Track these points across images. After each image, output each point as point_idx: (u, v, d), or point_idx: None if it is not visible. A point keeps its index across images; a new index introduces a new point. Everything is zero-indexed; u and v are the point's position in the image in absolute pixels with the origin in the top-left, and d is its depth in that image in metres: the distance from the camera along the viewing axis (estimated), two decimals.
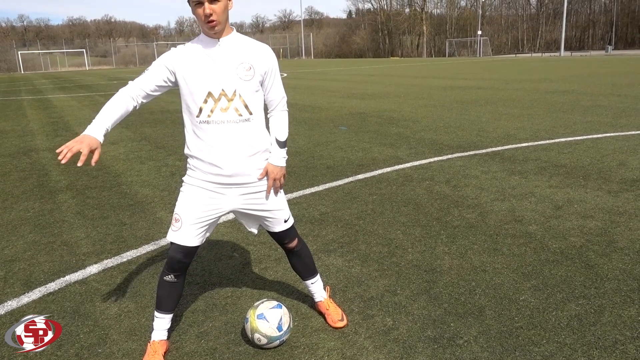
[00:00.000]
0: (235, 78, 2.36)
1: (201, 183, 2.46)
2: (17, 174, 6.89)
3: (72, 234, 4.48)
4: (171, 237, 2.50)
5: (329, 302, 2.94)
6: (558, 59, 43.92)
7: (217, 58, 2.35)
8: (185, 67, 2.35)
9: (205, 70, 2.34)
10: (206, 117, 2.35)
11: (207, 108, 2.34)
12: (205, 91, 2.34)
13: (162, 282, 2.57)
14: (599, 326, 2.74)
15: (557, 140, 7.68)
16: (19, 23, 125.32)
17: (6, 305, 3.22)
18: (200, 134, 2.39)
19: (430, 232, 4.16)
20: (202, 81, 2.34)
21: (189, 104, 2.39)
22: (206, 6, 2.22)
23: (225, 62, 2.35)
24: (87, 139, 2.31)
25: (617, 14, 75.79)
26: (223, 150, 2.39)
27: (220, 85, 2.34)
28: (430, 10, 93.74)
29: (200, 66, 2.34)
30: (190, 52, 2.37)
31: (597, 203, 4.70)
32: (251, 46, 2.43)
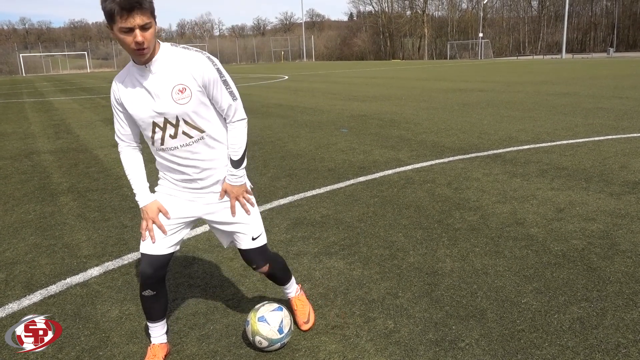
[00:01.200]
0: (173, 104, 2.23)
1: (171, 191, 2.45)
2: (19, 176, 6.90)
3: (73, 236, 4.48)
4: (142, 248, 2.43)
5: (297, 300, 2.91)
6: (560, 62, 43.91)
7: (151, 87, 2.22)
8: (126, 102, 2.29)
9: (143, 103, 2.25)
10: (159, 145, 2.32)
11: (157, 137, 2.30)
12: (150, 123, 2.27)
13: (143, 297, 2.50)
14: (602, 329, 2.73)
15: (559, 142, 7.67)
16: (21, 26, 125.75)
17: (7, 308, 3.22)
18: (160, 159, 2.40)
19: (432, 235, 4.16)
20: (144, 114, 2.26)
21: (142, 134, 2.39)
22: (137, 34, 2.05)
23: (160, 90, 2.22)
24: (149, 210, 2.41)
25: (618, 16, 75.76)
26: (187, 170, 2.37)
27: (162, 115, 2.25)
28: (432, 13, 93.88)
29: (138, 99, 2.26)
30: (127, 84, 2.28)
31: (599, 206, 4.69)
32: (182, 63, 2.22)
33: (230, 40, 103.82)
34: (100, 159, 7.86)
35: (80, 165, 7.45)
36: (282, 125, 10.64)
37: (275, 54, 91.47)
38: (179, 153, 2.33)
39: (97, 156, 8.08)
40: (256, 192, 5.66)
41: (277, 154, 7.70)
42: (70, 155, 8.22)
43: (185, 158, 2.34)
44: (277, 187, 5.81)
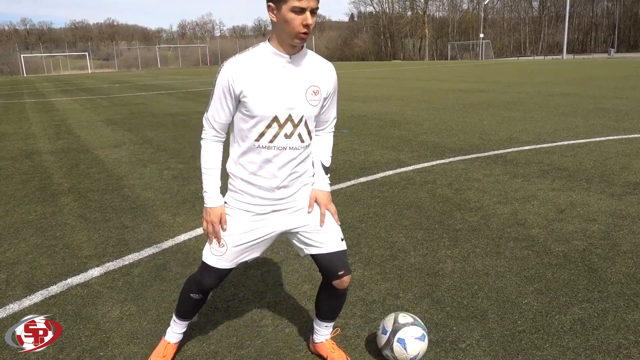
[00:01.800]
0: (305, 103, 2.14)
1: (247, 206, 2.25)
2: (20, 176, 6.90)
3: (74, 236, 4.48)
4: (212, 262, 2.30)
5: (332, 344, 2.61)
6: (560, 62, 43.90)
7: (288, 80, 2.11)
8: (250, 89, 2.07)
9: (274, 93, 2.09)
10: (267, 142, 2.14)
11: (270, 133, 2.13)
12: (271, 116, 2.10)
13: (189, 298, 2.43)
14: (603, 330, 2.72)
15: (560, 143, 7.66)
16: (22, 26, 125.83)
17: (8, 308, 3.22)
18: (255, 157, 2.19)
19: (433, 236, 4.15)
20: (271, 106, 2.09)
21: (249, 127, 2.15)
22: (308, 16, 1.97)
23: (297, 85, 2.12)
24: (213, 214, 2.26)
25: (619, 17, 75.74)
26: (279, 176, 2.20)
27: (288, 111, 2.12)
28: (432, 13, 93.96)
29: (269, 89, 2.08)
30: (256, 70, 2.08)
31: (600, 206, 4.69)
32: (318, 65, 2.19)
33: (230, 41, 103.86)
34: (101, 159, 7.87)
35: (81, 165, 7.45)
36: None
37: None
38: (284, 155, 2.17)
39: (97, 157, 8.08)
40: None
41: None
42: (71, 156, 8.22)
43: (286, 162, 2.19)
44: None
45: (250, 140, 2.17)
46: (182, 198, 5.54)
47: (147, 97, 20.39)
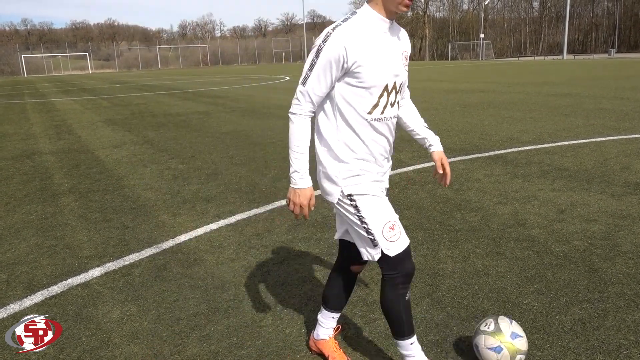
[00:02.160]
0: (402, 68, 2.11)
1: (372, 185, 2.15)
2: (20, 177, 6.91)
3: (75, 237, 4.48)
4: (400, 246, 2.14)
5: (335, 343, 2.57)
6: (561, 62, 43.90)
7: (389, 45, 2.05)
8: (365, 58, 1.97)
9: (385, 60, 2.02)
10: (379, 113, 2.07)
11: (381, 104, 2.05)
12: (383, 86, 2.03)
13: (405, 303, 2.23)
14: (603, 330, 2.72)
15: (560, 143, 7.66)
16: (23, 27, 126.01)
17: (8, 308, 3.22)
18: (367, 133, 2.09)
19: (433, 236, 4.15)
20: (384, 73, 2.02)
21: (359, 101, 2.03)
22: None
23: (397, 50, 2.08)
24: (303, 195, 2.14)
25: (619, 17, 75.74)
26: (387, 147, 2.18)
27: (393, 78, 2.07)
28: (433, 14, 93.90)
29: (382, 56, 2.01)
30: (367, 39, 1.98)
31: (600, 206, 4.69)
32: (401, 30, 2.16)
33: (231, 41, 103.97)
34: (101, 159, 7.87)
35: (81, 166, 7.46)
36: (284, 126, 10.64)
37: (277, 55, 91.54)
38: (390, 124, 2.13)
39: (98, 157, 8.09)
40: (257, 193, 5.67)
41: (279, 154, 7.70)
42: (71, 156, 8.23)
43: (392, 131, 2.17)
44: (278, 187, 5.81)
45: (362, 114, 2.05)
46: (182, 198, 5.54)
47: (148, 97, 20.40)
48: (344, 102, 2.05)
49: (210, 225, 4.63)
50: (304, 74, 2.04)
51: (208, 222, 4.72)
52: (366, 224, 2.12)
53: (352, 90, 2.02)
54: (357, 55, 1.95)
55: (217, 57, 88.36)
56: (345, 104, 2.05)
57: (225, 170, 6.83)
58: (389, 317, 2.29)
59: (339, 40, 1.94)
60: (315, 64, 1.99)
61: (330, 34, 1.97)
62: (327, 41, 1.96)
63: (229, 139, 9.37)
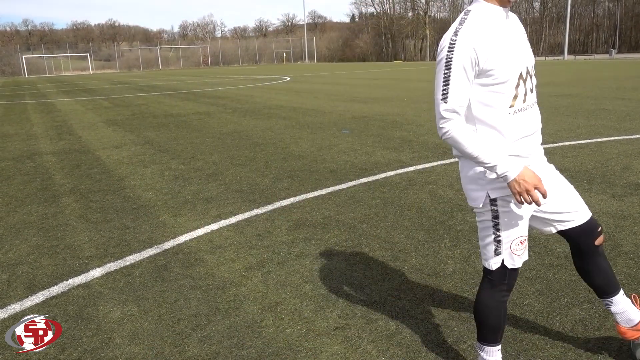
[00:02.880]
0: (530, 52, 2.08)
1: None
2: (21, 177, 6.91)
3: (76, 237, 4.48)
4: (519, 262, 2.13)
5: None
6: (562, 63, 43.88)
7: (512, 32, 2.01)
8: (492, 52, 1.91)
9: (514, 49, 1.98)
10: (521, 104, 1.99)
11: (521, 92, 1.98)
12: (517, 74, 1.97)
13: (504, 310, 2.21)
14: (604, 331, 2.72)
15: (561, 143, 7.66)
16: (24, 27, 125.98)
17: (9, 309, 3.23)
18: (511, 129, 1.99)
19: (434, 236, 4.15)
20: (516, 62, 1.97)
21: (499, 98, 1.97)
22: None
23: (519, 36, 2.04)
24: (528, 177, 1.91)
25: (620, 18, 75.69)
26: (535, 140, 2.08)
27: (525, 63, 2.01)
28: (433, 14, 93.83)
29: (506, 46, 1.95)
30: (489, 30, 1.93)
31: (601, 207, 4.68)
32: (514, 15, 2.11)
33: (232, 42, 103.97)
34: (102, 160, 7.88)
35: (82, 166, 7.46)
36: (284, 127, 10.64)
37: (277, 56, 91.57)
38: (533, 112, 2.07)
39: (99, 157, 8.09)
40: (258, 193, 5.67)
41: (279, 155, 7.71)
42: (72, 157, 8.23)
43: (536, 119, 2.08)
44: (279, 188, 5.81)
45: (504, 109, 1.98)
46: (183, 199, 5.54)
47: (149, 97, 20.41)
48: (480, 104, 1.99)
49: (211, 225, 4.63)
50: (440, 90, 1.95)
51: (209, 222, 4.72)
52: (499, 231, 2.08)
53: (489, 89, 1.96)
54: (487, 54, 1.91)
55: (218, 57, 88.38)
56: (482, 105, 1.99)
57: (226, 170, 6.83)
58: (482, 321, 2.24)
59: (467, 46, 1.90)
60: (450, 76, 1.92)
61: (454, 41, 1.91)
62: (454, 49, 1.90)
63: (229, 139, 9.38)
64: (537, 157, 2.15)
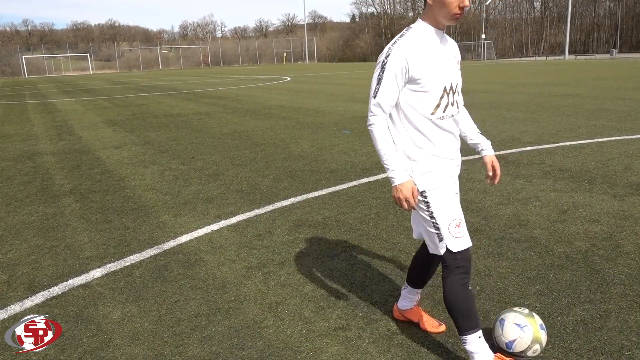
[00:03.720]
0: (457, 71, 2.37)
1: (444, 180, 2.36)
2: (21, 177, 6.91)
3: (76, 237, 4.48)
4: (463, 244, 2.37)
5: (420, 310, 2.88)
6: (562, 63, 43.87)
7: (443, 52, 2.30)
8: (424, 66, 2.22)
9: (441, 66, 2.27)
10: (441, 113, 2.30)
11: (443, 103, 2.29)
12: (442, 88, 2.28)
13: (469, 293, 2.38)
14: (605, 331, 2.71)
15: (562, 144, 7.65)
16: (24, 27, 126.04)
17: (9, 309, 3.22)
18: (432, 131, 2.31)
19: None
20: (441, 77, 2.27)
21: (423, 103, 2.27)
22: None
23: (450, 55, 2.34)
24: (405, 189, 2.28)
25: (621, 18, 75.66)
26: (454, 142, 2.39)
27: (450, 80, 2.31)
28: None
29: (438, 63, 2.26)
30: (424, 45, 2.24)
31: (602, 207, 4.68)
32: (450, 39, 2.41)
33: (232, 42, 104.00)
34: (102, 160, 7.87)
35: (82, 166, 7.46)
36: (284, 127, 10.64)
37: (277, 56, 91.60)
38: (453, 121, 2.36)
39: (99, 158, 8.09)
40: (258, 194, 5.67)
41: (280, 155, 7.70)
42: (72, 157, 8.23)
43: (453, 129, 2.38)
44: (279, 188, 5.80)
45: (426, 114, 2.28)
46: (183, 199, 5.54)
47: (149, 98, 20.41)
48: (409, 106, 2.29)
49: (211, 226, 4.63)
50: (373, 88, 2.29)
51: (209, 222, 4.72)
52: (435, 219, 2.34)
53: (416, 95, 2.26)
54: (417, 65, 2.21)
55: (218, 57, 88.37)
56: (409, 108, 2.29)
57: (226, 170, 6.83)
58: (454, 310, 2.39)
59: (400, 54, 2.20)
60: (382, 78, 2.25)
61: (391, 50, 2.23)
62: (389, 56, 2.22)
63: (230, 139, 9.37)
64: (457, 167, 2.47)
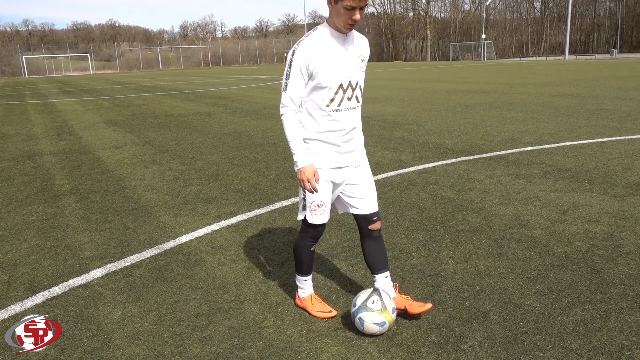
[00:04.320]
0: (358, 70, 2.68)
1: (324, 164, 2.72)
2: (21, 178, 6.91)
3: (76, 238, 4.48)
4: (317, 220, 2.82)
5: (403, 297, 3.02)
6: (563, 63, 43.86)
7: (344, 52, 2.62)
8: (322, 64, 2.55)
9: (339, 64, 2.59)
10: (337, 105, 2.64)
11: (338, 98, 2.63)
12: (338, 84, 2.61)
13: (309, 252, 2.95)
14: (605, 331, 2.71)
15: (562, 144, 7.65)
16: (24, 27, 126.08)
17: (10, 310, 3.22)
18: (324, 120, 2.66)
19: (435, 237, 4.15)
20: (338, 75, 2.59)
21: (320, 96, 2.62)
22: (357, 13, 2.47)
23: (352, 56, 2.65)
24: (306, 172, 2.66)
25: (622, 18, 75.64)
26: (345, 132, 2.71)
27: (349, 78, 2.64)
28: (434, 14, 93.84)
29: (336, 61, 2.58)
30: (324, 49, 2.57)
31: (602, 207, 4.68)
32: (360, 39, 2.73)
33: (232, 42, 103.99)
34: (102, 160, 7.88)
35: (82, 166, 7.46)
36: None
37: (278, 56, 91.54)
38: (349, 114, 2.70)
39: (99, 158, 8.09)
40: (259, 194, 5.67)
41: (280, 155, 7.70)
42: (72, 157, 8.24)
43: (351, 119, 2.72)
44: (279, 188, 5.80)
45: (324, 107, 2.64)
46: (183, 199, 5.54)
47: (149, 98, 20.42)
48: (309, 98, 2.65)
49: (212, 226, 4.63)
50: (283, 83, 2.63)
51: (209, 222, 4.72)
52: (305, 193, 2.79)
53: (315, 89, 2.61)
54: (315, 63, 2.54)
55: (218, 57, 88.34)
56: (309, 99, 2.65)
57: (227, 171, 6.83)
58: (296, 258, 3.02)
59: (302, 53, 2.54)
60: (290, 73, 2.60)
61: (296, 49, 2.57)
62: (295, 54, 2.57)
63: (230, 139, 9.37)
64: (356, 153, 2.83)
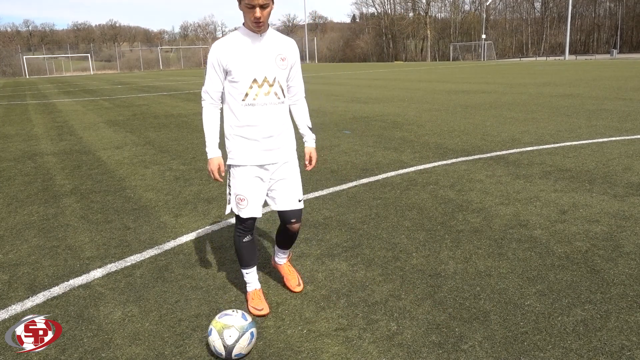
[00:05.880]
0: (275, 67, 2.80)
1: (246, 161, 2.87)
2: (22, 178, 6.91)
3: (76, 238, 4.48)
4: (243, 214, 2.94)
5: (287, 266, 3.40)
6: (563, 63, 43.85)
7: (258, 50, 2.77)
8: (233, 60, 2.74)
9: (250, 61, 2.75)
10: (251, 100, 2.78)
11: (252, 93, 2.77)
12: (251, 79, 2.75)
13: (244, 244, 3.05)
14: (605, 331, 2.71)
15: (562, 144, 7.65)
16: (24, 28, 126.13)
17: (10, 310, 3.22)
18: (243, 115, 2.81)
19: (435, 237, 4.15)
20: (249, 71, 2.75)
21: (235, 91, 2.79)
22: (257, 11, 2.63)
23: (266, 54, 2.79)
24: (212, 163, 2.91)
25: (622, 18, 75.63)
26: (264, 128, 2.83)
27: (264, 74, 2.78)
28: (434, 15, 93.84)
29: (246, 58, 2.75)
30: (235, 47, 2.75)
31: (602, 207, 4.68)
32: (282, 40, 2.87)
33: None
34: (103, 160, 7.88)
35: (83, 167, 7.46)
36: None
37: None
38: (268, 110, 2.81)
39: (100, 158, 8.10)
40: None
41: None
42: (73, 157, 8.24)
43: (270, 115, 2.83)
44: None
45: (240, 101, 2.79)
46: (184, 199, 5.54)
47: (149, 98, 20.42)
48: (227, 92, 2.84)
49: (212, 226, 4.63)
50: (204, 78, 2.84)
51: (209, 222, 4.72)
52: (229, 187, 2.97)
53: (231, 84, 2.80)
54: (228, 60, 2.75)
55: None
56: (227, 93, 2.84)
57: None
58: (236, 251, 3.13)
59: (215, 52, 2.77)
60: (207, 70, 2.83)
61: (211, 48, 2.79)
62: (210, 52, 2.80)
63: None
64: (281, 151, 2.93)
